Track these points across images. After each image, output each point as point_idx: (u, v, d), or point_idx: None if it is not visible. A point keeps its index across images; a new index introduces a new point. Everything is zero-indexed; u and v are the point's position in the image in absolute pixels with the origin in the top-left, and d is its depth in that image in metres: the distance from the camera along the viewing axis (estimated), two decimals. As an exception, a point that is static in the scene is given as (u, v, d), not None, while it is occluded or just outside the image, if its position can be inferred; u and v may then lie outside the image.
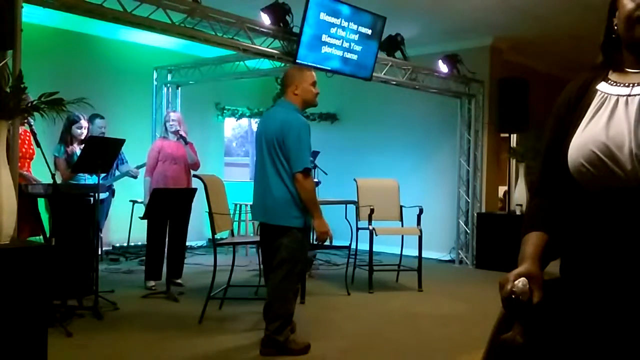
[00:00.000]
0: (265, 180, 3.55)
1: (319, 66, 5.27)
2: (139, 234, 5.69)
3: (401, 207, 5.96)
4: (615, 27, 1.35)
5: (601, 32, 1.39)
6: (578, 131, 1.30)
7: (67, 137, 4.99)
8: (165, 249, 5.40)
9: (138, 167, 5.70)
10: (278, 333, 3.51)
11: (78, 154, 4.79)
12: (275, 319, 3.52)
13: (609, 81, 1.35)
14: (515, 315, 1.21)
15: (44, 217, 4.38)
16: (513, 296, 1.19)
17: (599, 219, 1.24)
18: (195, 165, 5.55)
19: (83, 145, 4.78)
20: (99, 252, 5.41)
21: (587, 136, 1.27)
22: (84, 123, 4.99)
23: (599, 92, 1.33)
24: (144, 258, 5.69)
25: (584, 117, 1.31)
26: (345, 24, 5.49)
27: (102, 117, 5.88)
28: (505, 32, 7.07)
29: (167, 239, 5.38)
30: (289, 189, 3.46)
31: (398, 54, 6.44)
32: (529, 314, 1.20)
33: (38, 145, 4.21)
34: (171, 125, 5.53)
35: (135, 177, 5.75)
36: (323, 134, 8.21)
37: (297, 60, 5.15)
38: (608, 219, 1.22)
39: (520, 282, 1.20)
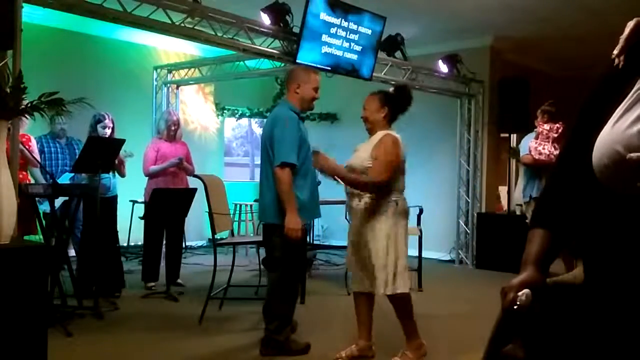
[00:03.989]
0: (261, 179, 3.61)
1: (319, 66, 5.26)
2: (139, 234, 5.68)
3: (401, 207, 5.94)
4: None
5: None
6: (607, 126, 1.15)
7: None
8: (163, 250, 5.39)
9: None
10: (277, 333, 3.51)
11: None
12: (274, 319, 3.53)
13: None
14: (514, 326, 1.19)
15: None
16: (515, 307, 1.16)
17: (624, 223, 1.13)
18: (192, 174, 5.52)
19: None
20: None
21: (615, 133, 1.12)
22: (108, 123, 4.97)
23: (639, 81, 1.16)
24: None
25: (616, 108, 1.16)
26: (345, 24, 5.49)
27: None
28: (505, 32, 7.06)
29: (164, 240, 5.38)
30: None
31: (398, 54, 6.44)
32: (528, 326, 1.18)
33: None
34: (174, 130, 5.53)
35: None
36: (323, 134, 8.20)
37: (297, 60, 5.15)
38: (634, 224, 1.11)
39: (525, 295, 1.17)
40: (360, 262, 3.40)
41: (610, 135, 1.13)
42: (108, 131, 4.98)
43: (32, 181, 4.83)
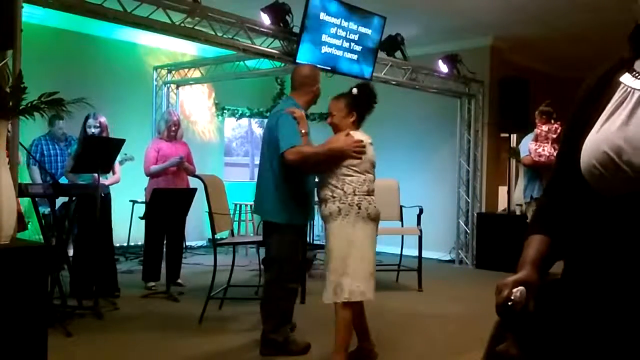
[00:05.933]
0: (259, 175, 3.62)
1: (319, 66, 5.25)
2: (139, 234, 5.67)
3: (401, 207, 5.95)
4: None
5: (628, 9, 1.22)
6: (593, 130, 1.18)
7: (82, 136, 4.99)
8: (164, 250, 5.40)
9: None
10: (274, 332, 3.51)
11: None
12: (270, 319, 3.53)
13: (634, 72, 1.20)
14: (507, 323, 1.18)
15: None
16: (510, 303, 1.15)
17: (613, 225, 1.13)
18: (192, 174, 5.52)
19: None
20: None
21: (602, 136, 1.15)
22: (93, 122, 4.91)
23: (621, 86, 1.20)
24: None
25: (602, 113, 1.19)
26: (345, 24, 5.49)
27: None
28: (505, 32, 7.07)
29: (165, 240, 5.38)
30: (275, 182, 3.46)
31: (398, 54, 6.44)
32: (522, 323, 1.17)
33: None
34: (174, 130, 5.53)
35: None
36: (323, 134, 8.19)
37: (297, 60, 5.15)
38: (623, 226, 1.12)
39: (519, 291, 1.15)
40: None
41: (597, 138, 1.16)
42: (95, 130, 4.92)
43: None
